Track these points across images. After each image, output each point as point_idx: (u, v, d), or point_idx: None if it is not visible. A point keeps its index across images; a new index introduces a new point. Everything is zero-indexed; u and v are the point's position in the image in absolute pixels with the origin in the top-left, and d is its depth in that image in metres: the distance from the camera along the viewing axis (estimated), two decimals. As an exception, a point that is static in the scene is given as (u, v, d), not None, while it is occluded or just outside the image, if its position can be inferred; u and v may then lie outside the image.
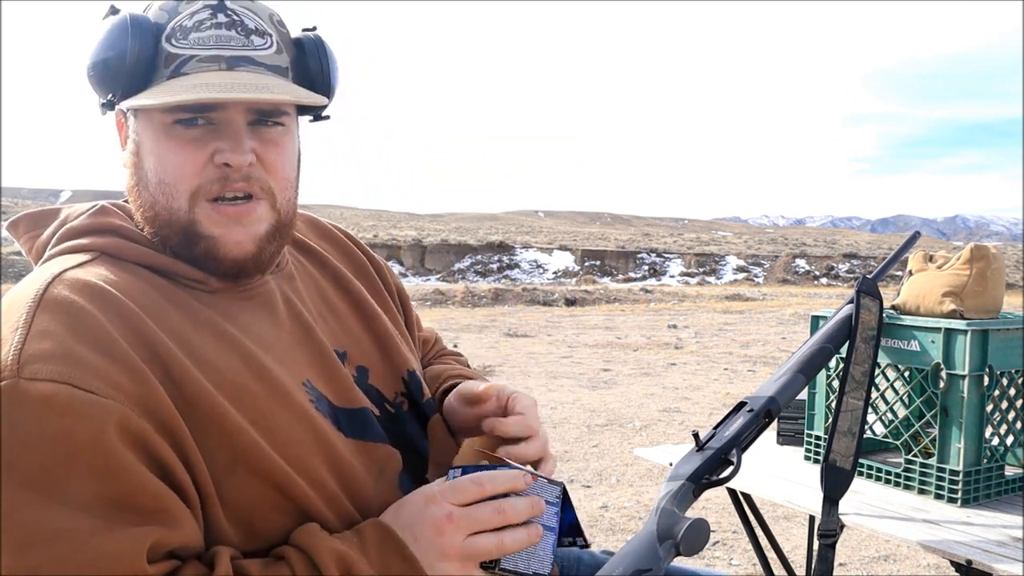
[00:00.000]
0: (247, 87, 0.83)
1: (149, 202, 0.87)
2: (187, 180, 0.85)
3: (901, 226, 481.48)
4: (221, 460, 0.79)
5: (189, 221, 0.86)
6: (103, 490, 0.71)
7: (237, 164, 0.85)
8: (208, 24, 0.85)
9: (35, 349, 0.73)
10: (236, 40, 0.85)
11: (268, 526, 0.82)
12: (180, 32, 0.84)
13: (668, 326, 13.73)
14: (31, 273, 0.86)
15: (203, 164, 0.85)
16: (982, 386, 1.54)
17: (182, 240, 0.86)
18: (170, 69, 0.84)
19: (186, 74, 0.84)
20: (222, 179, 0.85)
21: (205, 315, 0.85)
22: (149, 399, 0.75)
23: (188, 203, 0.85)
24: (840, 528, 1.35)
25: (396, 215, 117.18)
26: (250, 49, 0.86)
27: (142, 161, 0.87)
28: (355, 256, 1.12)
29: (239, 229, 0.87)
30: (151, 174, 0.86)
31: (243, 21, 0.86)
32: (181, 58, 0.84)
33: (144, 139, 0.86)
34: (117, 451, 0.72)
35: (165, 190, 0.85)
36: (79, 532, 0.69)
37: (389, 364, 1.02)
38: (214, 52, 0.84)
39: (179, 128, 0.84)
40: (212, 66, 0.84)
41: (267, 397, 0.84)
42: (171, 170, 0.85)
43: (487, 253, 57.57)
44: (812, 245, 67.05)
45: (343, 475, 0.87)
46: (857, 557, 3.23)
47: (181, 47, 0.84)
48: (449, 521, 0.81)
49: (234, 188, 0.86)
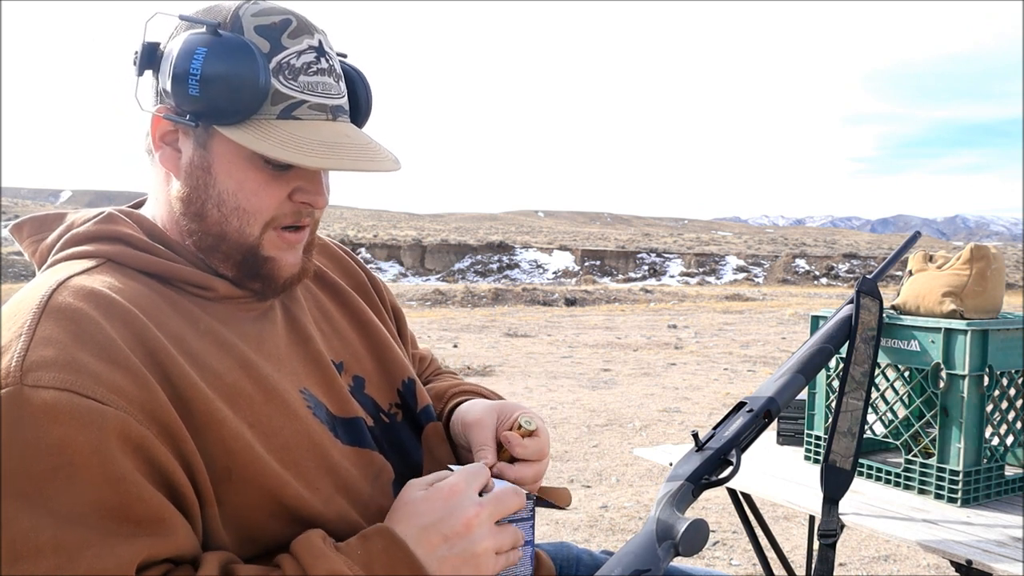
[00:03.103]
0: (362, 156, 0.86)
1: (219, 221, 0.87)
2: (266, 212, 0.87)
3: (901, 226, 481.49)
4: (219, 465, 0.79)
5: (254, 245, 0.88)
6: (98, 500, 0.71)
7: (320, 206, 0.90)
8: (314, 69, 0.86)
9: (38, 356, 0.73)
10: (334, 88, 0.88)
11: (265, 532, 0.82)
12: (288, 71, 0.84)
13: (668, 326, 13.73)
14: (35, 278, 0.85)
15: (282, 199, 0.88)
16: (982, 386, 1.54)
17: (244, 260, 0.89)
18: (280, 108, 0.84)
19: (298, 119, 0.85)
20: (297, 214, 0.89)
21: (206, 323, 0.86)
22: (152, 404, 0.75)
23: (260, 231, 0.88)
24: (840, 528, 1.35)
25: (396, 215, 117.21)
26: (341, 97, 0.89)
27: (213, 180, 0.86)
28: (354, 273, 1.13)
29: (292, 252, 0.92)
30: (228, 197, 0.86)
31: (335, 68, 0.89)
32: (292, 101, 0.84)
33: (218, 159, 0.86)
34: (116, 461, 0.72)
35: (242, 216, 0.87)
36: (71, 545, 0.68)
37: (385, 374, 1.03)
38: (321, 100, 0.86)
39: (263, 162, 0.85)
40: (320, 115, 0.86)
41: (265, 402, 0.84)
42: (252, 200, 0.87)
43: (487, 253, 57.59)
44: (812, 245, 67.07)
45: (341, 480, 0.87)
46: (857, 557, 3.23)
47: (292, 88, 0.84)
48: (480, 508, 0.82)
49: (304, 223, 0.91)
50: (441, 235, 60.75)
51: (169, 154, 0.88)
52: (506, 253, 57.90)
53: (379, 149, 0.89)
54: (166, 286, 0.87)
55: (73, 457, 0.70)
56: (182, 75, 0.82)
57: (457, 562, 0.80)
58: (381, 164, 0.87)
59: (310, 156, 0.83)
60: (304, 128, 0.84)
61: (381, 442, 0.96)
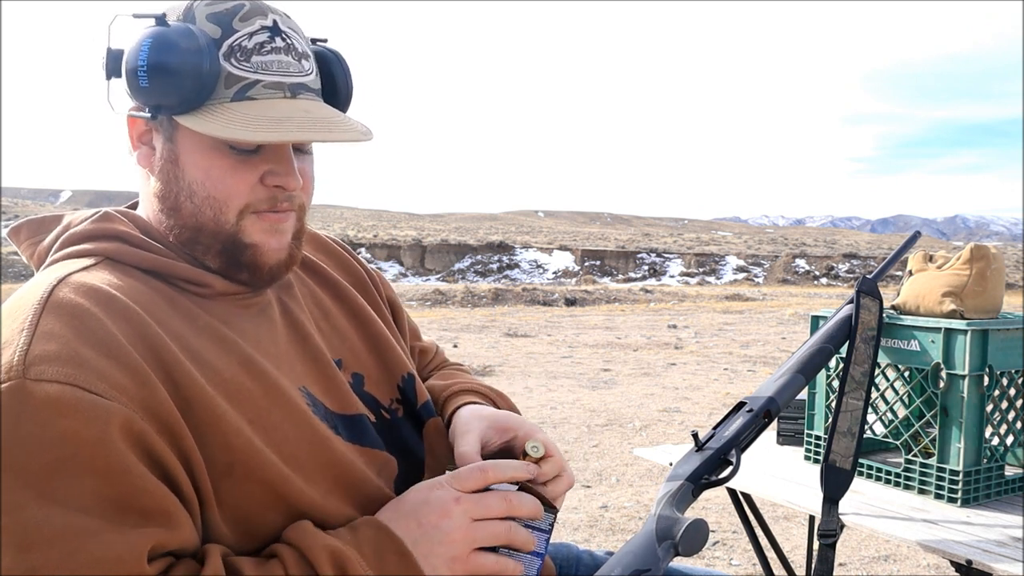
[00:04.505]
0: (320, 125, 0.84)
1: (193, 212, 0.87)
2: (237, 199, 0.86)
3: (901, 226, 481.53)
4: (219, 461, 0.79)
5: (233, 233, 0.87)
6: (105, 491, 0.71)
7: (292, 188, 0.88)
8: (268, 48, 0.85)
9: (41, 350, 0.73)
10: (294, 66, 0.87)
11: (265, 527, 0.82)
12: (240, 53, 0.84)
13: (668, 326, 13.73)
14: (35, 276, 0.86)
15: (253, 184, 0.87)
16: (982, 386, 1.54)
17: (223, 249, 0.88)
18: (233, 91, 0.84)
19: (252, 99, 0.84)
20: (271, 199, 0.88)
21: (204, 319, 0.86)
22: (152, 401, 0.75)
23: (236, 218, 0.87)
24: (840, 528, 1.35)
25: (396, 215, 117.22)
26: (303, 75, 0.88)
27: (183, 172, 0.87)
28: (352, 268, 1.13)
29: (277, 236, 0.89)
30: (197, 187, 0.86)
31: (295, 45, 0.87)
32: (246, 82, 0.84)
33: (185, 150, 0.86)
34: (120, 453, 0.72)
35: (214, 204, 0.86)
36: (80, 533, 0.69)
37: (385, 370, 1.03)
38: (277, 78, 0.85)
39: (228, 147, 0.85)
40: (276, 93, 0.85)
41: (264, 397, 0.84)
42: (221, 187, 0.86)
43: (487, 253, 57.60)
44: (812, 245, 67.08)
45: (341, 475, 0.87)
46: (857, 557, 3.23)
47: (244, 69, 0.84)
48: (456, 503, 0.83)
49: (281, 208, 0.89)
50: (441, 235, 60.75)
51: (146, 153, 0.89)
52: (506, 253, 57.90)
53: (344, 121, 0.87)
54: (164, 283, 0.87)
55: (78, 449, 0.70)
56: (133, 69, 0.83)
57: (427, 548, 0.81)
58: (339, 134, 0.85)
59: (258, 132, 0.81)
60: (258, 107, 0.83)
61: (384, 438, 0.96)
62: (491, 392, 1.11)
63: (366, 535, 0.81)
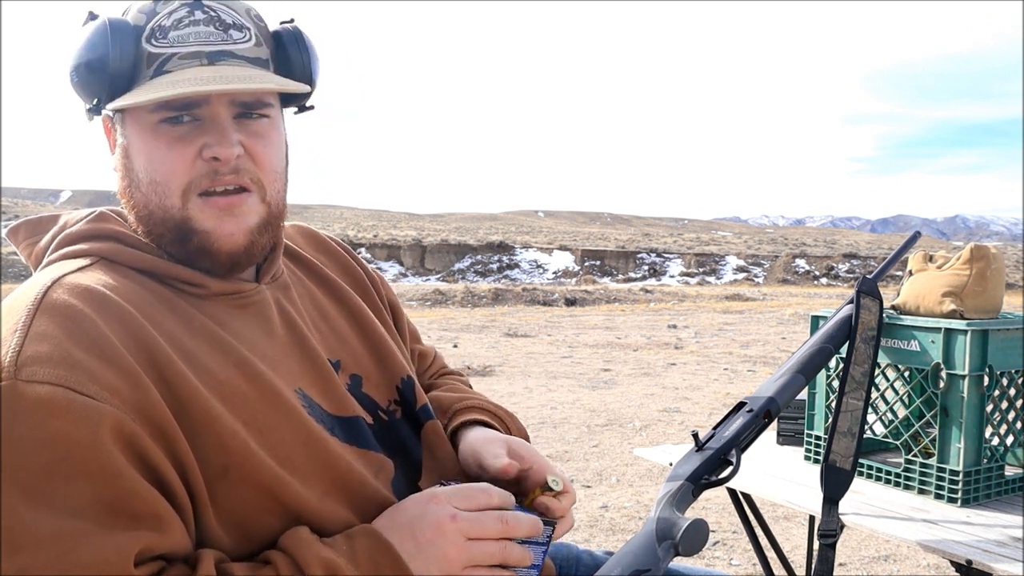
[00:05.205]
0: (229, 79, 0.84)
1: (142, 202, 0.87)
2: (178, 177, 0.86)
3: (901, 226, 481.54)
4: (213, 463, 0.79)
5: (182, 218, 0.86)
6: (96, 494, 0.71)
7: (225, 157, 0.85)
8: (186, 22, 0.85)
9: (33, 351, 0.73)
10: (215, 35, 0.86)
11: (261, 530, 0.81)
12: (159, 32, 0.85)
13: (668, 326, 13.73)
14: (31, 277, 0.86)
15: (192, 160, 0.85)
16: (982, 386, 1.54)
17: (176, 237, 0.87)
18: (152, 68, 0.84)
19: (169, 72, 0.84)
20: (211, 173, 0.86)
21: (200, 320, 0.86)
22: (144, 404, 0.75)
23: (180, 200, 0.86)
24: (840, 528, 1.35)
25: (396, 215, 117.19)
26: (230, 43, 0.87)
27: (132, 162, 0.88)
28: (351, 268, 1.12)
29: (231, 221, 0.87)
30: (142, 174, 0.87)
31: (220, 16, 0.87)
32: (162, 57, 0.84)
33: (132, 140, 0.87)
34: (111, 455, 0.72)
35: (157, 189, 0.86)
36: (69, 536, 0.68)
37: (383, 372, 1.02)
38: (194, 48, 0.85)
39: (165, 126, 0.85)
40: (193, 62, 0.85)
41: (259, 399, 0.84)
42: (161, 168, 0.86)
43: (487, 253, 57.58)
44: (812, 245, 67.06)
45: (337, 477, 0.87)
46: (857, 557, 3.23)
47: (161, 46, 0.85)
48: (452, 521, 0.81)
49: (224, 181, 0.86)
50: (441, 235, 60.74)
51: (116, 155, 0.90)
52: (506, 253, 57.89)
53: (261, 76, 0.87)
54: (159, 284, 0.87)
55: (69, 452, 0.70)
56: (70, 72, 0.86)
57: (422, 564, 0.80)
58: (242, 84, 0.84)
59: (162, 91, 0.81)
60: (175, 76, 0.84)
61: (381, 440, 0.95)
62: (501, 411, 1.11)
63: (362, 544, 0.80)
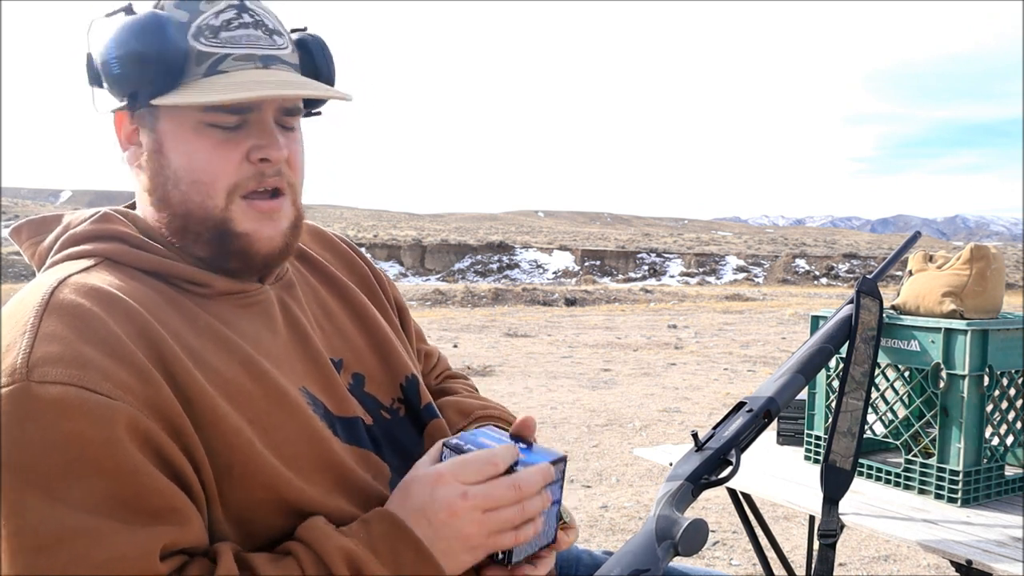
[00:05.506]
0: (293, 84, 0.85)
1: (179, 200, 0.87)
2: (224, 178, 0.86)
3: (901, 226, 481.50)
4: (220, 461, 0.79)
5: (223, 219, 0.87)
6: (115, 491, 0.71)
7: (276, 159, 0.87)
8: (236, 23, 0.85)
9: (44, 352, 0.73)
10: (263, 40, 0.87)
11: (265, 527, 0.81)
12: (208, 31, 0.84)
13: (668, 326, 13.73)
14: (35, 279, 0.85)
15: (239, 162, 0.86)
16: (982, 386, 1.54)
17: (213, 236, 0.87)
18: (204, 67, 0.84)
19: (224, 72, 0.84)
20: (258, 175, 0.87)
21: (205, 320, 0.86)
22: (157, 400, 0.75)
23: (224, 201, 0.86)
24: (840, 528, 1.35)
25: (396, 215, 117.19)
26: (275, 48, 0.88)
27: (167, 160, 0.87)
28: (357, 266, 1.12)
29: (270, 224, 0.89)
30: (182, 172, 0.86)
31: (264, 21, 0.88)
32: (215, 56, 0.84)
33: (167, 137, 0.86)
34: (128, 452, 0.72)
35: (200, 188, 0.86)
36: (92, 533, 0.69)
37: (387, 371, 1.02)
38: (247, 51, 0.85)
39: (210, 127, 0.85)
40: (247, 65, 0.85)
41: (264, 398, 0.84)
42: (207, 168, 0.85)
43: (487, 253, 57.57)
44: (812, 245, 67.06)
45: (341, 476, 0.87)
46: (857, 557, 3.23)
47: (212, 45, 0.84)
48: (464, 500, 0.80)
49: (268, 184, 0.88)
50: (441, 235, 60.75)
51: (135, 152, 0.89)
52: (506, 253, 57.90)
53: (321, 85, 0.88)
54: (164, 283, 0.86)
55: (85, 451, 0.70)
56: (106, 61, 0.84)
57: (445, 545, 0.80)
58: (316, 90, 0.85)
59: (238, 92, 0.82)
60: (232, 77, 0.84)
61: (379, 441, 0.95)
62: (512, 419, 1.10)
63: (379, 531, 0.80)
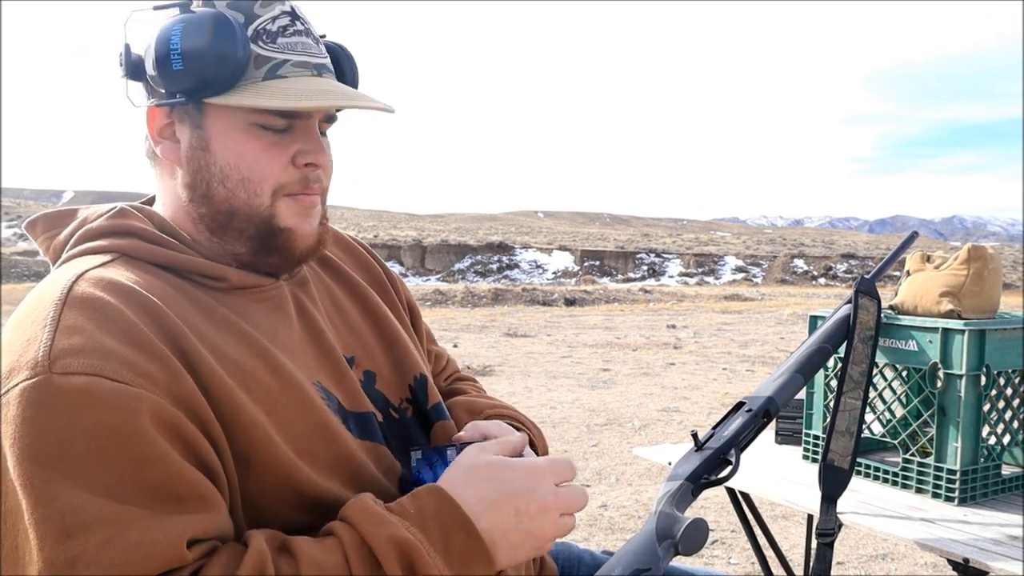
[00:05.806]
0: (356, 96, 0.88)
1: (225, 197, 0.88)
2: (271, 178, 0.88)
3: (899, 226, 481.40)
4: (238, 451, 0.79)
5: (269, 216, 0.89)
6: (142, 479, 0.71)
7: (324, 165, 0.91)
8: (291, 30, 0.88)
9: (65, 344, 0.73)
10: (314, 48, 0.90)
11: (280, 519, 0.82)
12: (266, 35, 0.86)
13: (667, 326, 13.73)
14: (52, 273, 0.86)
15: (285, 164, 0.89)
16: (979, 386, 1.54)
17: (258, 232, 0.89)
18: (264, 70, 0.86)
19: (283, 77, 0.86)
20: (304, 179, 0.90)
21: (221, 312, 0.86)
22: (179, 389, 0.76)
23: (270, 199, 0.89)
24: (838, 527, 1.36)
25: (396, 215, 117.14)
26: (323, 57, 0.91)
27: (213, 157, 0.88)
28: (371, 267, 1.13)
29: (308, 220, 0.92)
30: (230, 170, 0.88)
31: (311, 30, 0.91)
32: (275, 61, 0.86)
33: (214, 135, 0.87)
34: (153, 440, 0.72)
35: (247, 187, 0.88)
36: (119, 520, 0.69)
37: (397, 369, 1.03)
38: (303, 58, 0.88)
39: (260, 128, 0.87)
40: (304, 72, 0.88)
41: (281, 391, 0.84)
42: (255, 167, 0.88)
43: (487, 253, 57.54)
44: (810, 245, 67.05)
45: (354, 471, 0.87)
46: (855, 556, 3.24)
47: (271, 50, 0.86)
48: (556, 498, 0.83)
49: (313, 189, 0.91)
50: (441, 235, 60.71)
51: (169, 147, 0.90)
52: (506, 253, 57.86)
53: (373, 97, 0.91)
54: (179, 279, 0.87)
55: (109, 440, 0.70)
56: (164, 55, 0.84)
57: (518, 539, 0.80)
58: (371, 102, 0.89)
59: (300, 100, 0.84)
60: (289, 83, 0.86)
61: (389, 438, 0.96)
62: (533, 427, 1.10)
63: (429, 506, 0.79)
